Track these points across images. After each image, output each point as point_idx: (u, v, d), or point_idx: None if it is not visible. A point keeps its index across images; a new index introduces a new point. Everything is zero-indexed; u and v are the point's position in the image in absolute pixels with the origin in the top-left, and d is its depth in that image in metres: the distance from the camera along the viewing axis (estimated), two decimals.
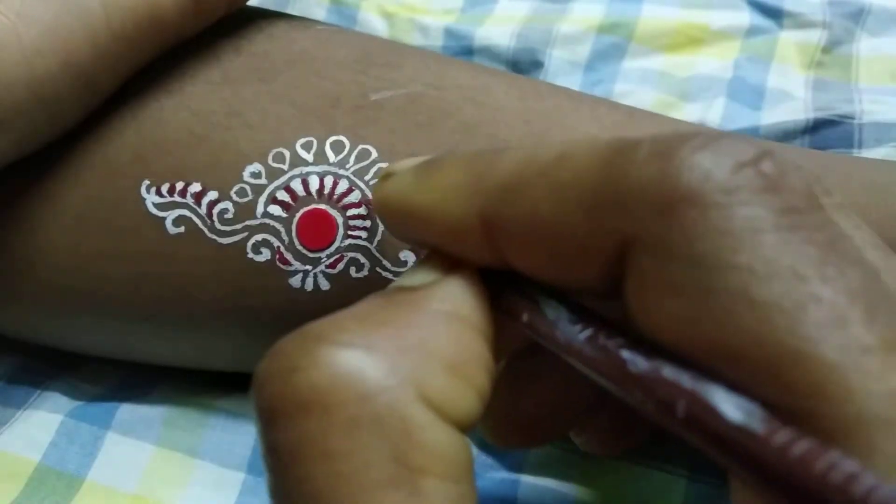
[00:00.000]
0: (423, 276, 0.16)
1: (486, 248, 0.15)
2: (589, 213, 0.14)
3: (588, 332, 0.14)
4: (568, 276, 0.15)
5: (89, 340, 0.28)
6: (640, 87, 0.40)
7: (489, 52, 0.42)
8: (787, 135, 0.37)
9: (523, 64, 0.42)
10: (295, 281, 0.24)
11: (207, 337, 0.26)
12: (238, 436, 0.28)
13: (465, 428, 0.15)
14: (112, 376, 0.30)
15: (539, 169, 0.15)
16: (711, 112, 0.38)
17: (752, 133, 0.37)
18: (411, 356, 0.14)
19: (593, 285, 0.15)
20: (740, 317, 0.12)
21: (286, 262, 0.24)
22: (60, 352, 0.30)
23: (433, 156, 0.18)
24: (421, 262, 0.17)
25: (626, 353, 0.14)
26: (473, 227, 0.15)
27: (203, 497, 0.27)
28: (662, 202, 0.13)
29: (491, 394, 0.15)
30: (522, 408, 0.19)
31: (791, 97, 0.39)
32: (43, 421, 0.28)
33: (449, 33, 0.43)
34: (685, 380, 0.13)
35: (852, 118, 0.36)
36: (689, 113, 0.39)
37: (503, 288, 0.16)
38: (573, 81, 0.41)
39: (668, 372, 0.13)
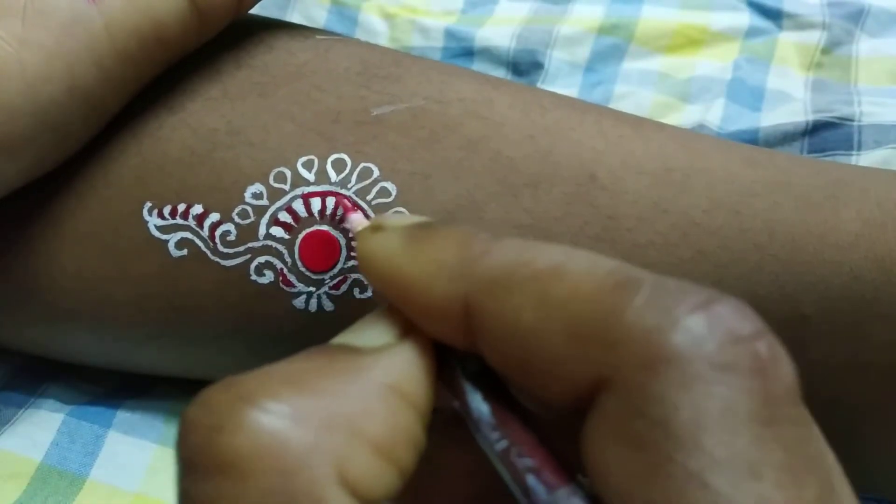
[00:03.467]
0: (374, 337, 0.16)
1: (462, 333, 0.15)
2: (572, 338, 0.14)
3: (503, 445, 0.14)
4: (536, 387, 0.15)
5: (93, 356, 0.28)
6: (640, 88, 0.41)
7: (489, 54, 0.42)
8: (787, 137, 0.37)
9: (523, 65, 0.42)
10: (299, 302, 0.24)
11: (212, 354, 0.26)
12: None
13: (379, 502, 0.14)
14: (113, 376, 0.31)
15: (532, 273, 0.14)
16: (711, 113, 0.39)
17: (752, 136, 0.37)
18: (339, 432, 0.14)
19: (559, 403, 0.14)
20: (690, 495, 0.12)
21: (289, 284, 0.24)
22: None
23: (427, 220, 0.17)
24: (376, 318, 0.16)
25: (530, 480, 0.14)
26: (455, 311, 0.15)
27: None
28: (648, 356, 0.13)
29: (415, 468, 0.15)
30: (430, 484, 0.18)
31: (790, 98, 0.39)
32: (44, 420, 0.28)
33: (449, 34, 0.43)
34: None
35: (851, 120, 0.36)
36: (688, 114, 0.39)
37: (450, 361, 0.16)
38: (573, 83, 0.41)
39: None
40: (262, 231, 0.24)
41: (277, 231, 0.24)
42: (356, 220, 0.20)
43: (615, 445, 0.13)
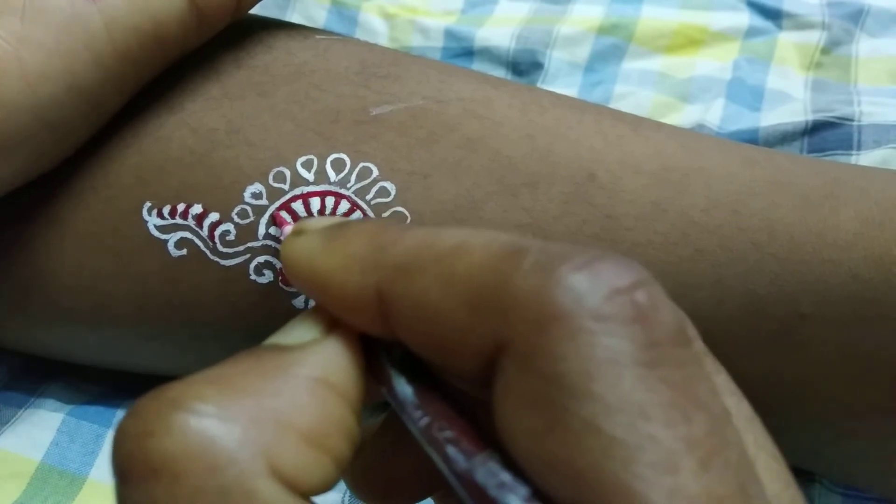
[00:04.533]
0: (301, 334, 0.16)
1: (380, 321, 0.16)
2: (472, 310, 0.14)
3: (425, 421, 0.15)
4: (450, 363, 0.15)
5: (93, 356, 0.28)
6: (640, 88, 0.41)
7: (489, 54, 0.42)
8: (786, 137, 0.37)
9: (523, 65, 0.42)
10: (298, 302, 0.24)
11: (212, 352, 0.26)
12: None
13: (317, 494, 0.15)
14: (113, 376, 0.31)
15: (435, 255, 0.15)
16: (710, 113, 0.39)
17: (751, 136, 0.37)
18: (268, 426, 0.14)
19: (472, 376, 0.15)
20: (586, 442, 0.13)
21: (289, 284, 0.24)
22: None
23: (345, 220, 0.18)
24: (303, 317, 0.17)
25: (449, 450, 0.14)
26: (369, 300, 0.15)
27: None
28: (536, 317, 0.13)
29: (352, 457, 0.15)
30: (388, 468, 0.19)
31: (790, 98, 0.39)
32: (44, 420, 0.28)
33: (449, 34, 0.43)
34: (491, 487, 0.14)
35: (851, 120, 0.36)
36: (688, 114, 0.39)
37: (377, 352, 0.16)
38: (573, 83, 0.41)
39: (481, 476, 0.14)
40: (261, 231, 0.24)
41: (277, 230, 0.24)
42: (287, 232, 0.21)
43: (517, 407, 0.14)
